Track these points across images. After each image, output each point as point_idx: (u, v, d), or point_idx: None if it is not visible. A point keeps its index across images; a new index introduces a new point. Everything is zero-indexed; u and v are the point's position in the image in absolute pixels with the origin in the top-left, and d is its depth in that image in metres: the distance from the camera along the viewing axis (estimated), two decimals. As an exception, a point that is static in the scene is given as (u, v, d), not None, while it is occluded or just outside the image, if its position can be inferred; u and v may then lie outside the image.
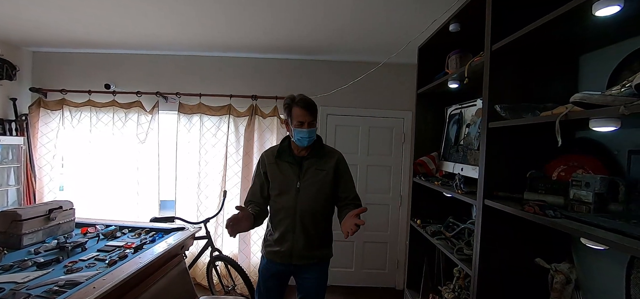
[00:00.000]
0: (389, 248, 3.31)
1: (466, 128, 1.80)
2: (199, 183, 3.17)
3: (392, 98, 3.26)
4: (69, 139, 3.28)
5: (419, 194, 2.14)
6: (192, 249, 2.64)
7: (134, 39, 2.88)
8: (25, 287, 1.37)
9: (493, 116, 1.24)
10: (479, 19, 1.38)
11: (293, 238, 1.59)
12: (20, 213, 1.85)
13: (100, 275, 1.49)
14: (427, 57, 2.13)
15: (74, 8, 2.26)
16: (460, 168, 1.71)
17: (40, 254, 1.73)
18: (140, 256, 1.75)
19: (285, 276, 1.70)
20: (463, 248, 1.52)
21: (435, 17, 1.87)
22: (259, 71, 3.28)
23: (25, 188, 3.18)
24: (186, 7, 2.17)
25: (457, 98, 1.98)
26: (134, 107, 3.21)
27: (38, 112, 3.24)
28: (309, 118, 1.54)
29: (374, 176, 3.28)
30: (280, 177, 1.62)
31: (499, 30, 1.24)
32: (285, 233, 1.60)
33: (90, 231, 2.13)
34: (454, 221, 1.77)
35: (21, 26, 2.66)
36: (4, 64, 3.04)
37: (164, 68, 3.28)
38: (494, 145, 1.27)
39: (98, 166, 3.24)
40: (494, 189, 1.27)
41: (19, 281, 1.41)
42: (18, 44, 3.14)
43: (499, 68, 1.27)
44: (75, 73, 3.31)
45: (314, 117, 1.57)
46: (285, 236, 1.60)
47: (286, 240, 1.60)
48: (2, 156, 3.07)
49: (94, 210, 3.14)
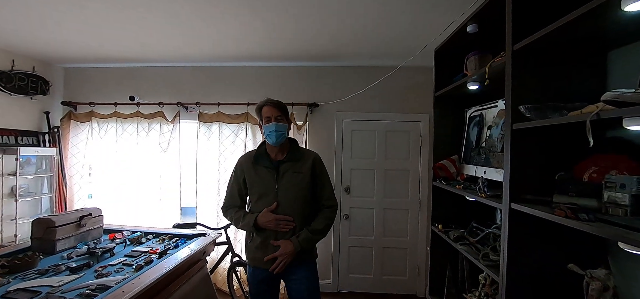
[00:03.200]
0: (408, 253, 3.25)
1: (488, 130, 1.76)
2: (219, 190, 3.24)
3: (408, 101, 3.23)
4: (96, 149, 3.44)
5: (439, 198, 2.10)
6: (213, 255, 2.69)
7: (156, 53, 3.02)
8: (59, 290, 1.43)
9: (517, 117, 1.21)
10: (498, 19, 1.35)
11: None
12: (54, 220, 1.95)
13: (128, 280, 1.54)
14: (444, 59, 2.11)
15: (101, 27, 2.40)
16: (483, 171, 1.66)
17: (72, 259, 1.82)
18: (165, 262, 1.80)
19: (274, 281, 1.72)
20: (489, 254, 1.47)
21: (453, 19, 1.86)
22: (275, 79, 3.34)
23: (57, 196, 3.36)
24: (205, 21, 2.25)
25: (476, 99, 1.94)
26: (156, 117, 3.34)
27: (69, 124, 3.43)
28: (275, 113, 1.61)
29: (392, 181, 3.25)
30: (258, 182, 1.66)
31: (520, 29, 1.21)
32: (267, 238, 1.62)
33: (117, 237, 2.22)
34: (477, 225, 1.72)
35: (54, 45, 2.84)
36: (39, 80, 3.25)
37: (184, 79, 3.40)
38: (519, 147, 1.23)
39: (123, 175, 3.38)
40: (520, 192, 1.23)
41: (54, 285, 1.48)
42: (51, 61, 3.35)
43: (521, 68, 1.24)
44: (103, 86, 3.49)
45: (281, 112, 1.64)
46: (267, 242, 1.62)
47: (268, 246, 1.61)
48: (37, 166, 3.26)
49: (120, 216, 3.26)
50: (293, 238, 1.59)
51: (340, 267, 3.27)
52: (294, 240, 1.59)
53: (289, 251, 1.57)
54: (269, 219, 1.59)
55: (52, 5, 2.07)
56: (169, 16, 2.20)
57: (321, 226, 1.65)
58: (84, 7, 2.10)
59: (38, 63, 3.26)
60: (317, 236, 1.65)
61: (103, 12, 2.17)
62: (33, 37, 2.67)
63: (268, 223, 1.59)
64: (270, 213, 1.59)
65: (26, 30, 2.51)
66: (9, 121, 3.05)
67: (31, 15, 2.25)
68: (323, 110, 3.29)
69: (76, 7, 2.10)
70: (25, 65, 3.14)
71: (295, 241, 1.58)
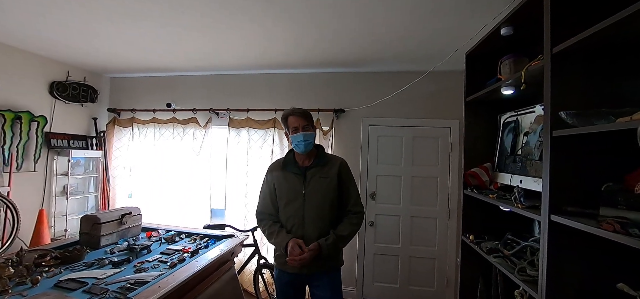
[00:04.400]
0: (437, 264, 3.14)
1: (524, 136, 1.66)
2: (247, 193, 3.34)
3: (437, 106, 3.15)
4: (136, 152, 3.69)
5: (470, 207, 2.01)
6: (240, 257, 2.77)
7: (191, 63, 3.20)
8: (103, 282, 1.55)
9: (557, 123, 1.14)
10: (535, 20, 1.29)
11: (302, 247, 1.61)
12: (99, 217, 2.12)
13: (163, 276, 1.64)
14: (476, 63, 2.03)
15: (145, 41, 2.60)
16: (519, 180, 1.58)
17: (114, 254, 1.96)
18: (196, 260, 1.89)
19: (300, 285, 1.74)
20: (526, 268, 1.39)
21: (485, 23, 1.80)
22: (301, 85, 3.40)
23: (101, 195, 3.64)
24: (235, 32, 2.36)
25: (511, 105, 1.85)
26: (190, 123, 3.53)
27: (113, 129, 3.72)
28: (302, 123, 1.66)
29: (420, 188, 3.16)
30: (286, 187, 1.70)
31: (559, 31, 1.14)
32: None
33: (153, 235, 2.36)
34: (513, 237, 1.63)
35: (103, 58, 3.12)
36: (89, 89, 3.56)
37: (216, 86, 3.57)
38: (559, 155, 1.16)
39: (159, 176, 3.60)
40: (561, 203, 1.15)
41: (98, 277, 1.61)
42: (100, 71, 3.67)
43: (561, 72, 1.16)
44: (143, 94, 3.75)
45: (307, 121, 1.68)
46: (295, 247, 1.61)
47: (295, 250, 1.61)
48: (85, 167, 3.57)
49: (155, 215, 3.46)
50: (321, 240, 1.60)
51: (365, 274, 3.23)
52: (321, 241, 1.60)
53: (313, 251, 1.57)
54: (294, 255, 1.56)
55: (104, 23, 2.29)
56: (203, 29, 2.34)
57: (346, 232, 1.65)
58: (133, 25, 2.31)
59: (89, 74, 3.59)
60: (342, 242, 1.65)
61: (149, 29, 2.38)
62: (86, 51, 2.95)
63: (291, 257, 1.57)
64: (298, 248, 1.57)
65: (80, 45, 2.78)
66: (63, 126, 3.37)
67: (85, 32, 2.49)
68: (349, 115, 3.29)
69: (126, 24, 2.30)
70: (77, 76, 3.47)
71: (323, 243, 1.60)
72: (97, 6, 2.04)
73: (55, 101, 3.27)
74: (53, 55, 3.12)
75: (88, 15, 2.19)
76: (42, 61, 3.12)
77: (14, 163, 2.88)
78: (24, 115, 2.97)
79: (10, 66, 2.87)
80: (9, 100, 2.87)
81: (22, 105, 2.98)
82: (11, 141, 2.88)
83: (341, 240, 1.64)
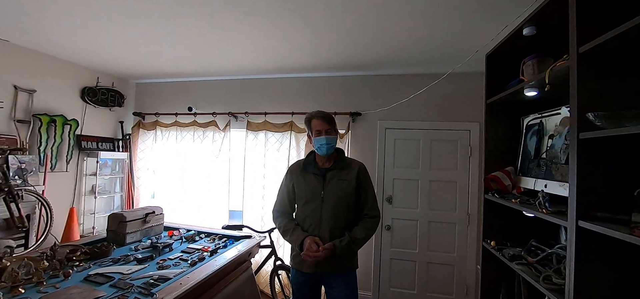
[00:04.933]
0: (456, 271, 3.05)
1: (549, 139, 1.60)
2: (263, 195, 3.40)
3: (455, 109, 3.08)
4: (159, 154, 3.84)
5: (491, 213, 1.95)
6: (257, 257, 2.81)
7: (211, 68, 3.31)
8: (129, 278, 1.62)
9: (584, 125, 1.09)
10: (559, 20, 1.25)
11: (318, 246, 1.63)
12: (125, 215, 2.22)
13: (184, 273, 1.69)
14: (496, 64, 1.98)
15: (169, 49, 2.72)
16: (544, 184, 1.52)
17: (139, 251, 2.05)
18: (215, 260, 1.94)
19: (315, 285, 1.76)
20: (551, 276, 1.33)
21: (506, 23, 1.75)
22: (318, 89, 3.43)
23: (126, 194, 3.81)
24: (253, 39, 2.42)
25: (534, 107, 1.79)
26: (210, 126, 3.63)
27: (138, 131, 3.89)
28: (326, 127, 1.70)
29: (438, 192, 3.10)
30: (306, 188, 1.73)
31: (586, 30, 1.10)
32: None
33: (175, 234, 2.44)
34: (537, 244, 1.57)
35: (129, 65, 3.28)
36: (116, 94, 3.75)
37: (235, 90, 3.66)
38: (587, 159, 1.11)
39: (180, 177, 3.72)
40: (589, 209, 1.10)
41: (124, 273, 1.68)
42: (125, 77, 3.85)
43: (588, 72, 1.12)
44: (166, 99, 3.90)
45: (330, 125, 1.72)
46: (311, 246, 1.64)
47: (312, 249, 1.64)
48: (112, 168, 3.75)
49: (176, 214, 3.58)
50: (335, 241, 1.63)
51: (381, 279, 3.19)
52: (336, 242, 1.62)
53: (327, 249, 1.59)
54: (310, 252, 1.60)
55: (132, 33, 2.42)
56: (223, 36, 2.42)
57: (361, 235, 1.67)
58: (157, 33, 2.43)
59: (116, 80, 3.78)
60: (356, 244, 1.67)
61: (172, 37, 2.49)
62: (114, 59, 3.12)
63: (307, 253, 1.61)
64: (315, 245, 1.60)
65: (109, 53, 2.95)
66: (93, 129, 3.57)
67: (114, 41, 2.64)
68: (365, 118, 3.29)
69: (151, 33, 2.43)
70: (106, 82, 3.66)
71: (338, 244, 1.62)
72: (125, 19, 2.17)
73: (85, 105, 3.46)
74: (85, 63, 3.31)
75: (117, 27, 2.33)
76: (74, 68, 3.33)
77: (49, 163, 3.08)
78: (58, 118, 3.16)
79: (47, 73, 3.07)
80: (46, 105, 3.08)
81: (57, 110, 3.17)
82: (46, 143, 3.07)
83: (356, 243, 1.66)
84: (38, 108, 3.00)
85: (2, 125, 2.75)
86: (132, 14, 2.13)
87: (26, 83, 2.91)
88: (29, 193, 2.66)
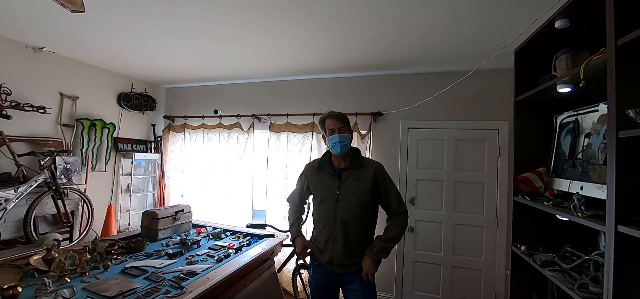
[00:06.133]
0: (483, 276, 2.93)
1: (585, 138, 1.51)
2: (286, 195, 3.44)
3: (482, 107, 2.97)
4: (187, 155, 4.03)
5: (522, 216, 1.86)
6: (279, 256, 2.87)
7: (236, 72, 3.42)
8: (161, 271, 1.72)
9: (623, 123, 1.02)
10: (595, 10, 1.17)
11: (333, 246, 1.67)
12: (157, 212, 2.36)
13: (211, 269, 1.77)
14: (525, 60, 1.89)
15: (197, 55, 2.86)
16: (579, 186, 1.43)
17: (169, 246, 2.16)
18: (240, 257, 2.00)
19: (333, 285, 1.77)
20: (588, 284, 1.25)
21: (536, 16, 1.67)
22: (339, 90, 3.43)
23: (157, 193, 4.03)
24: (275, 42, 2.48)
25: (568, 104, 1.69)
26: (235, 128, 3.76)
27: (168, 134, 4.10)
28: (338, 125, 1.71)
29: (464, 194, 3.00)
30: (321, 187, 1.76)
31: (624, 20, 1.03)
32: (327, 242, 1.70)
33: (202, 232, 2.55)
34: (572, 250, 1.48)
35: (161, 71, 3.47)
36: (149, 99, 3.98)
37: (258, 93, 3.76)
38: (627, 159, 1.04)
39: (206, 177, 3.88)
40: (630, 213, 1.03)
41: (156, 267, 1.79)
42: (157, 83, 4.08)
43: (628, 66, 1.05)
44: (194, 102, 4.09)
45: (343, 124, 1.73)
46: (326, 245, 1.70)
47: (327, 248, 1.69)
48: (145, 168, 3.98)
49: (203, 212, 3.73)
50: (368, 252, 1.64)
51: (404, 282, 3.14)
52: (369, 254, 1.64)
53: (368, 265, 1.63)
54: (301, 248, 1.83)
55: (163, 42, 2.57)
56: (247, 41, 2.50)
57: (394, 233, 1.67)
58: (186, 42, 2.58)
59: (149, 86, 4.01)
60: (392, 243, 1.68)
61: (200, 44, 2.62)
62: (147, 66, 3.32)
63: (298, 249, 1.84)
64: (303, 245, 1.83)
65: (143, 61, 3.15)
66: (128, 132, 3.81)
67: (148, 50, 2.82)
68: (387, 118, 3.25)
69: (182, 41, 2.57)
70: (140, 87, 3.90)
71: (371, 255, 1.63)
72: (158, 29, 2.31)
73: (122, 110, 3.71)
74: (121, 70, 3.55)
75: (150, 37, 2.49)
76: (111, 76, 3.58)
77: (90, 164, 3.33)
78: (98, 122, 3.41)
79: (88, 80, 3.33)
80: (87, 110, 3.33)
81: (97, 114, 3.43)
82: (88, 145, 3.33)
83: (390, 241, 1.67)
84: (80, 113, 3.26)
85: (50, 129, 3.02)
86: (163, 28, 2.29)
87: (70, 91, 3.17)
88: (73, 191, 2.90)
